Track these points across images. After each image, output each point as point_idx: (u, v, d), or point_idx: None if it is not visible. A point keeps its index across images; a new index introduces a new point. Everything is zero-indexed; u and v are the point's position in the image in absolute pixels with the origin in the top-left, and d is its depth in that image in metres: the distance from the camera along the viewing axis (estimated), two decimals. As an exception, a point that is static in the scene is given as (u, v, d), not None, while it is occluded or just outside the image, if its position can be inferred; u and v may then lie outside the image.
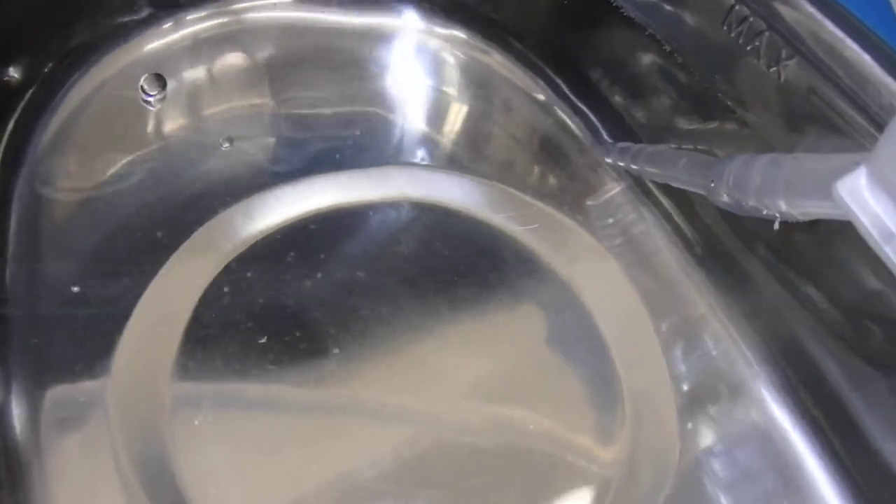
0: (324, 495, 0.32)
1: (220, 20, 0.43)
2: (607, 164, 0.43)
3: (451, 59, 0.45)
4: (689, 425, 0.36)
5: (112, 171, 0.39)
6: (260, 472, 0.33)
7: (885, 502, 0.33)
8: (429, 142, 0.44)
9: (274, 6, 0.44)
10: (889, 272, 0.23)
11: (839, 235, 0.32)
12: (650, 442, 0.36)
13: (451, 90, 0.45)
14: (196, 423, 0.33)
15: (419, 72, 0.46)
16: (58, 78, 0.40)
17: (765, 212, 0.30)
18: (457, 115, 0.45)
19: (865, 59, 0.29)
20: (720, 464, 0.35)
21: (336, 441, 0.34)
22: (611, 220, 0.42)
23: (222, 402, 0.34)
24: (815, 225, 0.32)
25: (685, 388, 0.37)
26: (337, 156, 0.42)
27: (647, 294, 0.40)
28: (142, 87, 0.41)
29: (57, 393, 0.33)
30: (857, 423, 0.33)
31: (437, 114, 0.45)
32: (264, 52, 0.43)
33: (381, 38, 0.45)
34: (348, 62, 0.45)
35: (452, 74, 0.45)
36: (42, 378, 0.33)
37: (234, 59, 0.43)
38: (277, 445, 0.33)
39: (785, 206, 0.29)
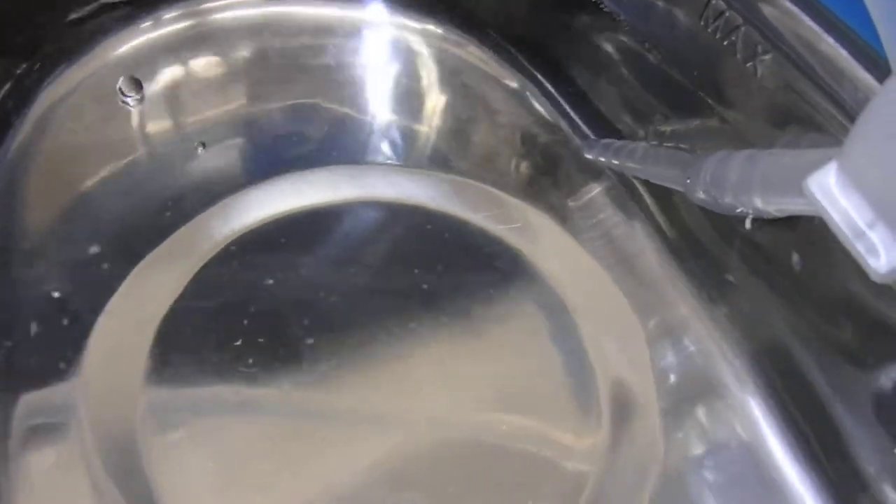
0: (299, 500, 0.32)
1: (192, 21, 0.42)
2: (588, 160, 0.42)
3: (425, 53, 0.45)
4: (672, 426, 0.36)
5: (87, 174, 0.39)
6: (234, 477, 0.32)
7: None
8: (404, 140, 0.44)
9: (245, 4, 0.43)
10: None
11: (820, 233, 0.32)
12: (632, 444, 0.35)
13: (426, 86, 0.45)
14: (169, 427, 0.33)
15: (392, 67, 0.45)
16: (31, 80, 0.39)
17: (739, 209, 0.30)
18: (433, 112, 0.44)
19: (841, 54, 0.29)
20: (702, 465, 0.35)
21: (310, 445, 0.33)
22: (593, 220, 0.42)
23: (196, 406, 0.34)
24: (795, 222, 0.32)
25: (667, 387, 0.37)
26: (311, 156, 0.41)
27: (629, 293, 0.40)
28: (119, 89, 0.41)
29: (28, 398, 0.32)
30: (836, 424, 0.33)
31: (412, 111, 0.44)
32: (236, 52, 0.43)
33: (352, 33, 0.45)
34: (321, 60, 0.44)
35: (427, 70, 0.45)
36: (13, 383, 0.33)
37: (206, 59, 0.43)
38: (252, 450, 0.33)
39: (760, 203, 0.29)
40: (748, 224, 0.31)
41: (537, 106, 0.44)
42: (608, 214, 0.42)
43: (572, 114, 0.43)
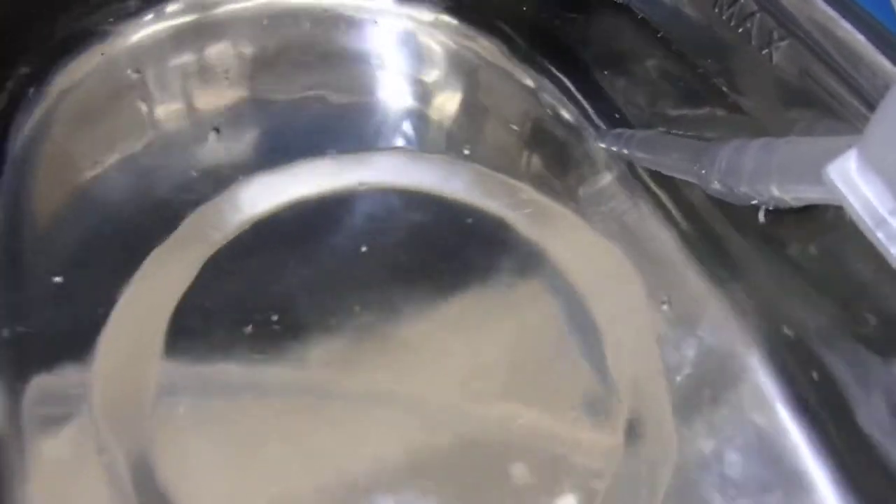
0: (309, 486, 0.32)
1: (202, 11, 0.42)
2: (601, 149, 0.42)
3: (437, 44, 0.45)
4: (688, 417, 0.36)
5: (97, 162, 0.39)
6: (245, 463, 0.32)
7: (882, 500, 0.32)
8: (416, 128, 0.43)
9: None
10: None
11: (834, 220, 0.31)
12: (646, 433, 0.35)
13: (438, 76, 0.45)
14: (180, 414, 0.33)
15: (403, 57, 0.45)
16: (40, 72, 0.39)
17: (755, 200, 0.30)
18: (445, 100, 0.44)
19: (858, 39, 0.28)
20: (720, 457, 0.35)
21: (322, 432, 0.33)
22: (604, 207, 0.42)
23: (207, 393, 0.34)
24: (808, 210, 0.31)
25: (681, 376, 0.37)
26: (323, 143, 0.41)
27: (642, 281, 0.39)
28: (128, 77, 0.41)
29: (39, 384, 0.32)
30: (857, 414, 0.32)
31: (424, 99, 0.44)
32: (246, 41, 0.43)
33: (363, 23, 0.44)
34: (332, 50, 0.44)
35: (439, 60, 0.45)
36: (24, 369, 0.32)
37: (216, 48, 0.43)
38: (262, 436, 0.33)
39: (777, 192, 0.28)
40: (762, 217, 0.30)
41: (548, 96, 0.44)
42: (620, 202, 0.41)
43: (584, 103, 0.43)
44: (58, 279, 0.35)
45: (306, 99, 0.43)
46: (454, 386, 0.35)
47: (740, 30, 0.33)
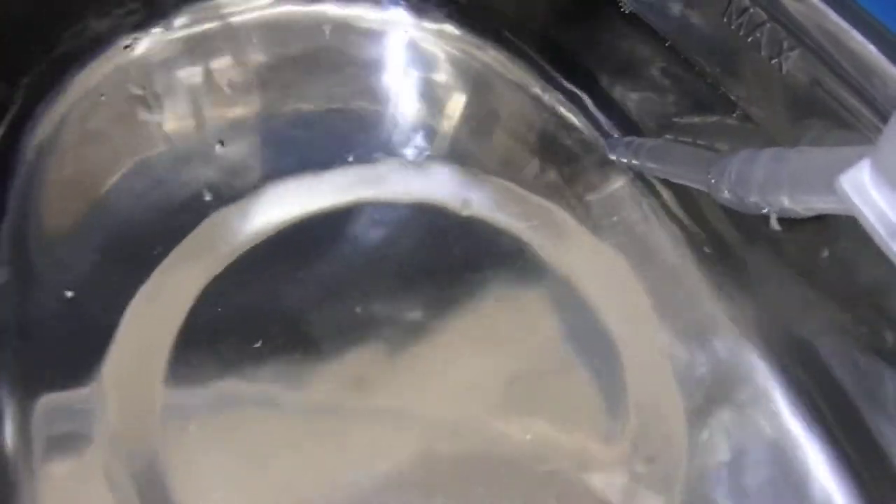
0: (319, 502, 0.32)
1: (208, 23, 0.42)
2: (609, 158, 0.42)
3: (443, 54, 0.44)
4: (697, 429, 0.35)
5: (104, 176, 0.39)
6: (254, 480, 0.32)
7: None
8: (424, 139, 0.43)
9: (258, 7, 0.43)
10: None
11: (846, 230, 0.31)
12: (656, 448, 0.35)
13: (446, 86, 0.44)
14: (189, 430, 0.33)
15: (411, 69, 0.45)
16: (46, 84, 0.39)
17: (766, 210, 0.30)
18: (452, 111, 0.44)
19: (870, 49, 0.28)
20: (730, 468, 0.34)
21: (332, 448, 0.33)
22: (614, 217, 0.41)
23: (216, 408, 0.34)
24: (820, 220, 0.31)
25: (692, 388, 0.37)
26: (330, 155, 0.41)
27: (652, 292, 0.39)
28: (135, 90, 0.41)
29: (47, 400, 0.32)
30: (868, 423, 0.32)
31: (431, 110, 0.44)
32: (253, 53, 0.43)
33: (371, 33, 0.44)
34: (339, 60, 0.44)
35: (446, 70, 0.44)
36: (32, 385, 0.33)
37: (223, 60, 0.42)
38: (272, 453, 0.33)
39: (788, 202, 0.28)
40: (774, 224, 0.30)
41: (557, 105, 0.44)
42: (629, 212, 0.41)
43: (592, 112, 0.43)
44: (67, 294, 0.35)
45: (313, 110, 0.43)
46: (464, 400, 0.35)
47: (750, 39, 0.32)
